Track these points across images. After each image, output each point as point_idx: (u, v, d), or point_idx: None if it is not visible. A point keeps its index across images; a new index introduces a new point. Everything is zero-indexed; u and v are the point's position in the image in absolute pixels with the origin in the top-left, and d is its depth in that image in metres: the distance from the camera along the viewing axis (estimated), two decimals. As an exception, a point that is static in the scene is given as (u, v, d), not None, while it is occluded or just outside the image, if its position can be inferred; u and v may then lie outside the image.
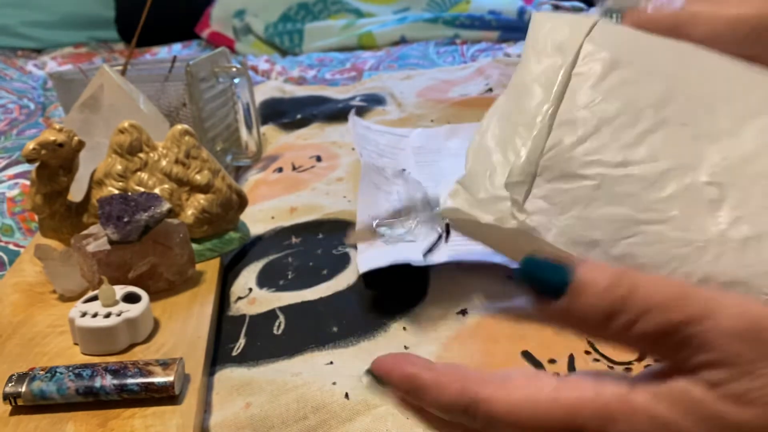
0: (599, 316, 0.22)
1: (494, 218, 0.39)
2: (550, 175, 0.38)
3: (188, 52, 1.70)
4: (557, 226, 0.38)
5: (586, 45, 0.41)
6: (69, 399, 0.38)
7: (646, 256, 0.36)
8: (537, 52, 0.42)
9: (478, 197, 0.40)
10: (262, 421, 0.38)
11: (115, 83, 0.63)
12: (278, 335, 0.46)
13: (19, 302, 0.50)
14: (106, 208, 0.48)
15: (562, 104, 0.39)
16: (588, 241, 0.37)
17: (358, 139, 0.69)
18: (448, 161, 0.71)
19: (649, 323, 0.21)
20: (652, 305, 0.21)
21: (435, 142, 0.76)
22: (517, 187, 0.39)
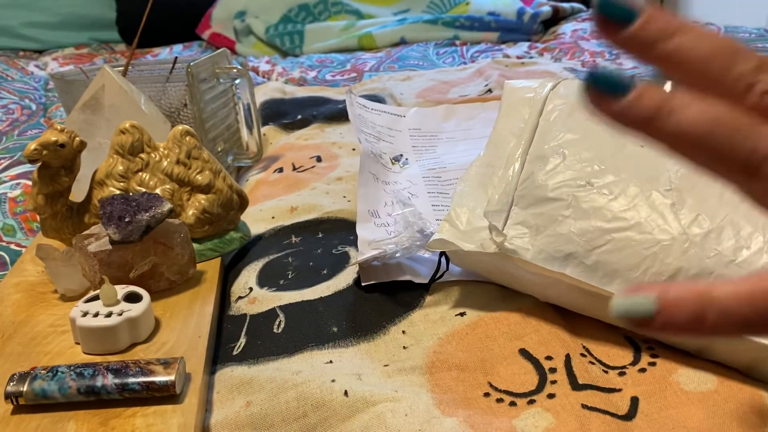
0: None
1: (476, 246, 0.45)
2: (525, 202, 0.44)
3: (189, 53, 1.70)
4: (535, 246, 0.43)
5: (551, 97, 0.49)
6: (70, 398, 0.38)
7: (618, 261, 0.40)
8: (509, 110, 0.50)
9: (462, 230, 0.46)
10: (262, 419, 0.38)
11: (117, 84, 0.63)
12: (278, 334, 0.46)
13: (21, 302, 0.51)
14: (107, 208, 0.49)
15: (532, 146, 0.46)
16: (564, 255, 0.42)
17: (356, 121, 0.67)
18: (445, 146, 0.70)
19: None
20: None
21: (432, 123, 0.75)
22: (496, 216, 0.44)
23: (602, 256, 0.41)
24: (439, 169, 0.65)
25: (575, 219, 0.42)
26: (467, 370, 0.40)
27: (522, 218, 0.44)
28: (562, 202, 0.43)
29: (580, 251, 0.41)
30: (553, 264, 0.42)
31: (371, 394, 0.37)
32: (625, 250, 0.40)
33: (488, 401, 0.37)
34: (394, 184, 0.62)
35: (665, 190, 0.41)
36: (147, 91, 0.69)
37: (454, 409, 0.37)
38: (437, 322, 0.45)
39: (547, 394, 0.37)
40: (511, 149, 0.47)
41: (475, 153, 0.53)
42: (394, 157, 0.66)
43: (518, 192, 0.45)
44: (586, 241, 0.41)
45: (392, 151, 0.68)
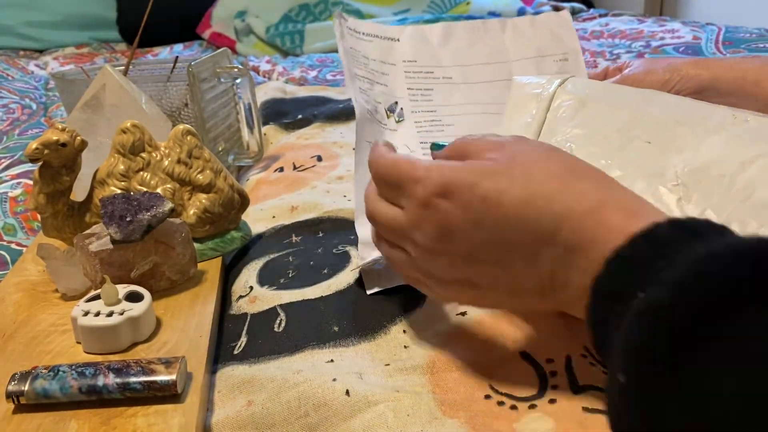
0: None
1: None
2: None
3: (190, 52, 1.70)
4: None
5: (559, 93, 0.49)
6: (72, 397, 0.38)
7: None
8: (517, 105, 0.51)
9: None
10: (263, 418, 0.38)
11: (117, 83, 0.63)
12: (279, 332, 0.46)
13: (22, 301, 0.51)
14: (108, 207, 0.49)
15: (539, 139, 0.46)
16: None
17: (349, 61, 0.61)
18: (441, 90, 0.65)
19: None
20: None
21: (428, 52, 0.68)
22: None
23: None
24: (437, 132, 0.61)
25: None
26: (468, 370, 0.40)
27: None
28: None
29: None
30: None
31: (372, 394, 0.37)
32: None
33: (489, 404, 0.37)
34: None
35: (672, 185, 0.42)
36: (148, 90, 0.69)
37: (455, 410, 0.37)
38: (438, 321, 0.45)
39: (549, 399, 0.37)
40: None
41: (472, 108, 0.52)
42: (388, 108, 0.60)
43: None
44: None
45: (387, 99, 0.62)
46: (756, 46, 1.18)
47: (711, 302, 0.22)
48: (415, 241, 0.36)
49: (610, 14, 1.80)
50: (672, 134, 0.45)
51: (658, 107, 0.48)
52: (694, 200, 0.41)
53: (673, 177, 0.42)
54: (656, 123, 0.47)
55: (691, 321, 0.23)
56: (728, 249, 0.23)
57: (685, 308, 0.23)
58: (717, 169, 0.42)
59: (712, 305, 0.22)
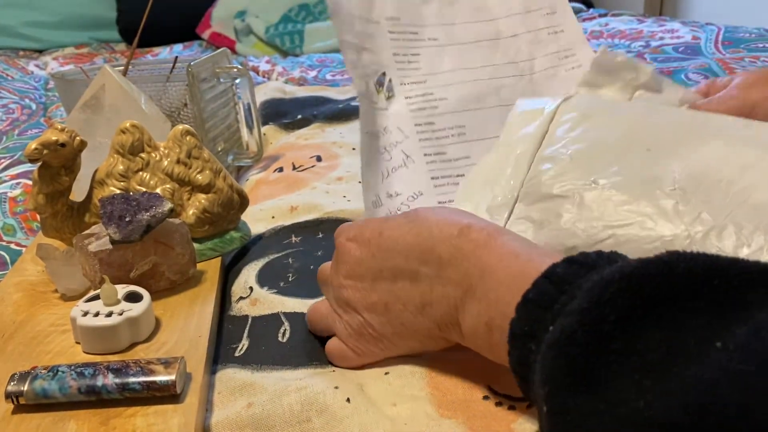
0: None
1: None
2: (530, 199, 0.45)
3: (189, 52, 1.70)
4: (538, 240, 0.44)
5: (562, 107, 0.50)
6: (71, 398, 0.38)
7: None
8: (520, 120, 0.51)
9: None
10: (264, 420, 0.38)
11: (117, 83, 0.63)
12: (284, 343, 0.45)
13: (21, 301, 0.51)
14: (107, 207, 0.48)
15: (540, 149, 0.47)
16: (566, 249, 0.43)
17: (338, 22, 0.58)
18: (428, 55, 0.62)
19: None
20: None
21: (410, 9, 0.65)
22: (498, 210, 0.46)
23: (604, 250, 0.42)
24: (430, 110, 0.59)
25: (579, 214, 0.43)
26: (466, 372, 0.40)
27: (525, 214, 0.45)
28: (567, 199, 0.44)
29: (581, 245, 0.42)
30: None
31: (373, 402, 0.38)
32: (627, 245, 0.41)
33: (488, 404, 0.37)
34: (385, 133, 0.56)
35: (670, 189, 0.42)
36: (147, 90, 0.69)
37: (453, 411, 0.37)
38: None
39: None
40: (519, 152, 0.48)
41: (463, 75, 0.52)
42: (377, 81, 0.58)
43: (523, 189, 0.46)
44: (589, 235, 0.42)
45: (375, 70, 0.59)
46: (756, 45, 1.18)
47: (609, 323, 0.25)
48: (334, 284, 0.42)
49: (610, 14, 1.80)
50: (672, 141, 0.45)
51: (660, 116, 0.48)
52: (691, 204, 0.41)
53: (670, 182, 0.42)
54: (657, 130, 0.47)
55: (594, 342, 0.25)
56: (617, 274, 0.27)
57: (588, 331, 0.26)
58: (716, 174, 0.42)
59: (610, 325, 0.25)
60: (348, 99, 1.05)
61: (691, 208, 0.41)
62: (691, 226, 0.40)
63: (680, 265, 0.26)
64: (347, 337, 0.42)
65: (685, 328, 0.25)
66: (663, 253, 0.27)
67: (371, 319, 0.40)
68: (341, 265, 0.41)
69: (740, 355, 0.22)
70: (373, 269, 0.39)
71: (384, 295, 0.39)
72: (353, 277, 0.41)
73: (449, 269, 0.36)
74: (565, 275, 0.29)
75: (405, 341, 0.40)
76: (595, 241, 0.42)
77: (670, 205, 0.41)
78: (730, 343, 0.23)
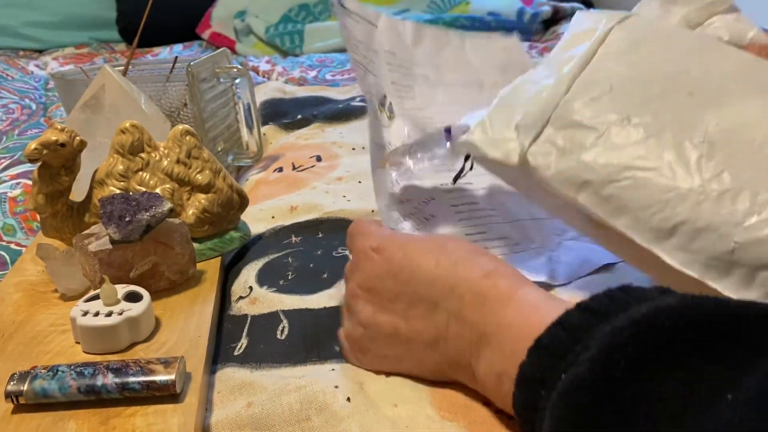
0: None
1: (500, 154, 0.45)
2: (559, 123, 0.44)
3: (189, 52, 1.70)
4: (556, 167, 0.43)
5: (616, 29, 0.47)
6: (71, 397, 0.38)
7: (631, 198, 0.41)
8: (573, 36, 0.49)
9: (490, 136, 0.46)
10: (263, 419, 0.38)
11: (117, 83, 0.63)
12: (282, 340, 0.46)
13: (21, 301, 0.51)
14: (107, 207, 0.49)
15: (583, 72, 0.45)
16: (581, 182, 0.42)
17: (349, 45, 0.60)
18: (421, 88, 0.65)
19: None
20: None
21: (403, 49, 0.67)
22: (527, 129, 0.44)
23: (617, 191, 0.41)
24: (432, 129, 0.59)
25: (602, 150, 0.42)
26: None
27: (552, 138, 0.44)
28: (595, 132, 0.43)
29: (597, 181, 0.42)
30: (569, 188, 0.43)
31: (373, 402, 0.38)
32: (641, 190, 0.40)
33: (488, 411, 0.37)
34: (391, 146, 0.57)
35: (698, 141, 0.41)
36: (147, 90, 0.69)
37: (454, 415, 0.37)
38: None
39: None
40: (564, 72, 0.46)
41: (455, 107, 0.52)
42: (380, 101, 0.60)
43: (556, 112, 0.44)
44: (607, 173, 0.41)
45: (377, 90, 0.61)
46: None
47: (620, 369, 0.25)
48: (348, 286, 0.42)
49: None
50: (717, 89, 0.44)
51: (714, 57, 0.46)
52: (715, 160, 0.40)
53: (701, 134, 0.41)
54: (705, 75, 0.45)
55: (605, 389, 0.25)
56: (627, 321, 0.26)
57: (598, 379, 0.26)
58: (750, 133, 0.41)
59: (621, 372, 0.25)
60: (348, 99, 1.05)
61: (714, 164, 0.40)
62: (709, 184, 0.39)
63: (692, 312, 0.26)
64: (347, 338, 0.42)
65: (696, 378, 0.24)
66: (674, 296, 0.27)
67: (373, 335, 0.40)
68: (358, 273, 0.41)
69: (749, 410, 0.22)
70: (392, 290, 0.39)
71: (396, 319, 0.39)
72: (368, 290, 0.40)
73: (469, 311, 0.35)
74: (579, 323, 0.29)
75: (404, 365, 0.40)
76: (610, 180, 0.41)
77: (694, 158, 0.40)
78: (740, 395, 0.23)
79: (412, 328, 0.38)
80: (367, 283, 0.40)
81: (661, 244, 0.40)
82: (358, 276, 0.41)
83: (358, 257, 0.42)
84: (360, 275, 0.41)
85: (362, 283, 0.41)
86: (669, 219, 0.39)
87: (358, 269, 0.41)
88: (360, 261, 0.41)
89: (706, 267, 0.39)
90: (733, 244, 0.38)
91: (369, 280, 0.40)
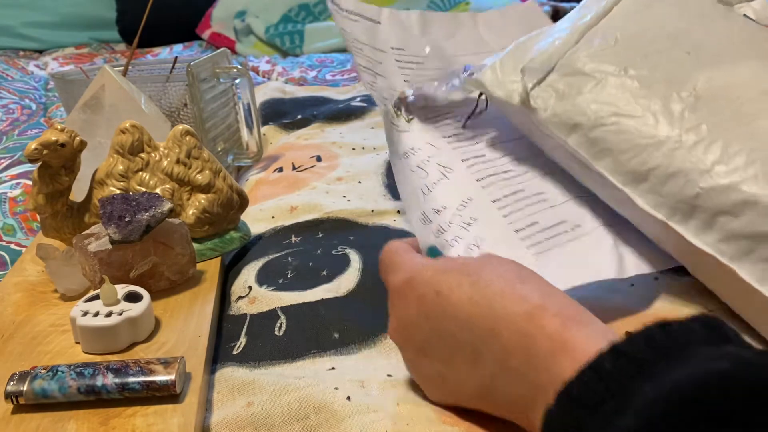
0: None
1: (504, 94, 0.49)
2: (563, 70, 0.47)
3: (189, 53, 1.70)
4: (553, 109, 0.47)
5: None
6: (70, 398, 0.38)
7: (614, 142, 0.44)
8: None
9: (499, 77, 0.50)
10: (263, 419, 0.38)
11: (117, 84, 0.63)
12: (280, 336, 0.46)
13: (21, 301, 0.51)
14: (107, 207, 0.49)
15: (596, 26, 0.49)
16: (573, 124, 0.46)
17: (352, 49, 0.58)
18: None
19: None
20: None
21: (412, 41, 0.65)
22: (532, 74, 0.47)
23: (603, 134, 0.44)
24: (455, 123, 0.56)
25: (596, 96, 0.45)
26: None
27: (554, 83, 0.47)
28: (594, 80, 0.46)
29: (587, 124, 0.45)
30: (561, 130, 0.46)
31: (374, 403, 0.38)
32: (623, 135, 0.44)
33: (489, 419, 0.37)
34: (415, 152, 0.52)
35: (686, 95, 0.44)
36: (147, 90, 0.69)
37: (454, 419, 0.37)
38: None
39: None
40: (582, 22, 0.49)
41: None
42: (395, 105, 0.56)
43: (562, 60, 0.48)
44: (597, 117, 0.45)
45: (391, 93, 0.58)
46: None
47: None
48: (389, 324, 0.39)
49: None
50: (716, 51, 0.46)
51: (722, 23, 0.49)
52: (698, 113, 0.42)
53: (690, 88, 0.44)
54: (707, 37, 0.47)
55: None
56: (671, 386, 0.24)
57: None
58: (737, 91, 0.43)
59: None
60: (348, 99, 1.05)
61: (696, 116, 0.42)
62: (686, 134, 0.42)
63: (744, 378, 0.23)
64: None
65: None
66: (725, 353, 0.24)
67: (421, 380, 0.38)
68: (394, 313, 0.38)
69: None
70: (428, 334, 0.35)
71: (439, 366, 0.35)
72: (406, 335, 0.37)
73: (515, 360, 0.31)
74: (614, 371, 0.26)
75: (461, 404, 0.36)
76: (598, 123, 0.44)
77: (678, 109, 0.43)
78: None
79: (457, 378, 0.34)
80: (402, 327, 0.37)
81: (634, 187, 0.43)
82: (394, 317, 0.38)
83: (392, 295, 0.38)
84: (395, 317, 0.38)
85: (398, 326, 0.37)
86: (645, 163, 0.43)
87: (394, 308, 0.38)
88: (393, 299, 0.38)
89: (672, 210, 0.42)
90: (698, 190, 0.41)
91: (403, 323, 0.37)
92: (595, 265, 0.45)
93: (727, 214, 0.40)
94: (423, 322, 0.35)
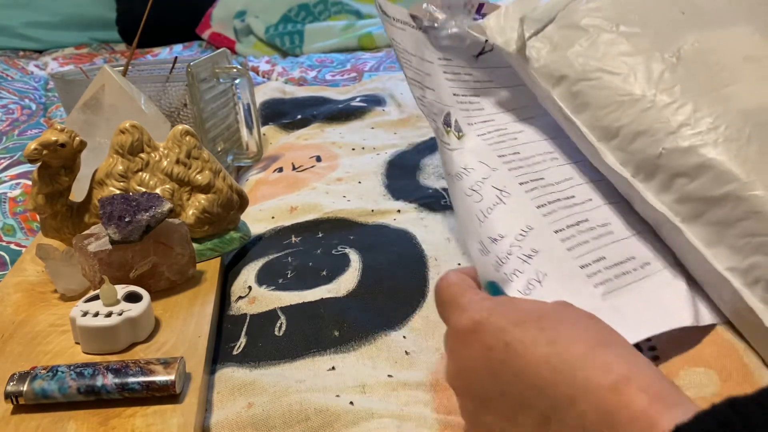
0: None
1: (502, 41, 0.50)
2: (561, 22, 0.48)
3: (189, 53, 1.70)
4: (544, 59, 0.48)
5: None
6: (70, 398, 0.38)
7: (594, 97, 0.45)
8: None
9: (502, 24, 0.51)
10: (263, 421, 0.38)
11: (117, 84, 0.63)
12: (279, 336, 0.46)
13: (21, 302, 0.51)
14: (107, 208, 0.49)
15: None
16: (559, 76, 0.47)
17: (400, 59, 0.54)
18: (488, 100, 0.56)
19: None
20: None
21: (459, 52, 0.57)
22: (530, 23, 0.48)
23: (585, 88, 0.45)
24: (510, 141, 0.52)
25: (586, 50, 0.46)
26: None
27: (552, 35, 0.48)
28: (586, 33, 0.47)
29: (572, 77, 0.46)
30: (548, 81, 0.47)
31: (377, 409, 0.38)
32: (604, 90, 0.44)
33: None
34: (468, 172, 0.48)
35: (668, 56, 0.44)
36: (147, 90, 0.69)
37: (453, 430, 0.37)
38: (438, 324, 0.45)
39: None
40: None
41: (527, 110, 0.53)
42: (444, 121, 0.52)
43: (563, 12, 0.48)
44: (582, 71, 0.45)
45: (440, 108, 0.52)
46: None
47: None
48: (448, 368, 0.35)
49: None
50: (709, 13, 0.47)
51: None
52: (676, 75, 0.43)
53: (675, 50, 0.44)
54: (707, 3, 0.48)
55: None
56: None
57: None
58: (718, 56, 0.44)
59: None
60: (348, 99, 1.05)
61: (673, 78, 0.43)
62: (660, 94, 0.42)
63: None
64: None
65: None
66: None
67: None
68: (454, 359, 0.34)
69: None
70: (493, 389, 0.31)
71: (503, 423, 0.32)
72: (466, 386, 0.33)
73: None
74: None
75: None
76: (584, 77, 0.45)
77: (659, 70, 0.44)
78: None
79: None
80: (464, 376, 0.33)
81: (606, 143, 0.44)
82: (454, 363, 0.34)
83: (453, 338, 0.34)
84: (457, 363, 0.34)
85: (458, 375, 0.34)
86: (617, 120, 0.43)
87: (454, 354, 0.34)
88: (455, 343, 0.34)
89: (636, 168, 0.43)
90: (661, 150, 0.41)
91: (465, 372, 0.33)
92: (673, 310, 0.41)
93: (684, 176, 0.41)
94: (489, 377, 0.31)
